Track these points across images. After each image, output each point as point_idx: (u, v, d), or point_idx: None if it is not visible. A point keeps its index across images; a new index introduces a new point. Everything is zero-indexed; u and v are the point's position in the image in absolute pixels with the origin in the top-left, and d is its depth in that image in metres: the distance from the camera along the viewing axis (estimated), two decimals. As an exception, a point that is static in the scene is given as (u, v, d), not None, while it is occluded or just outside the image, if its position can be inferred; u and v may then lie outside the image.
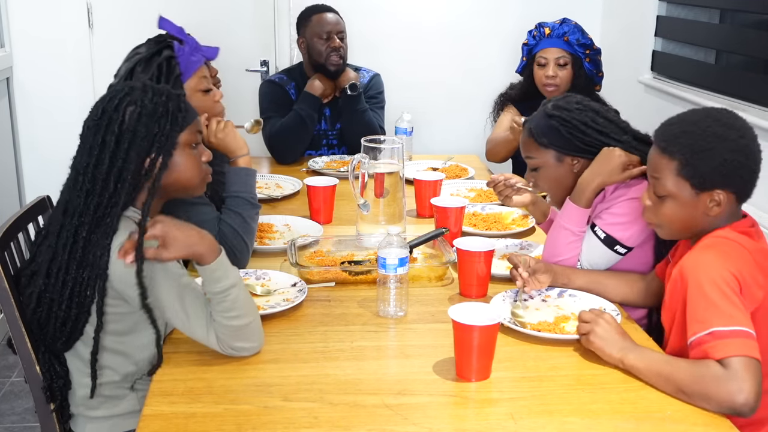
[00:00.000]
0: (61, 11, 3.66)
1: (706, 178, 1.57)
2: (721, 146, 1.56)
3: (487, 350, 1.52)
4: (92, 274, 1.56)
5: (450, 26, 3.90)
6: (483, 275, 1.90)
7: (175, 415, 1.41)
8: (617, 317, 1.75)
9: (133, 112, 1.61)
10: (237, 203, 2.07)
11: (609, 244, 1.91)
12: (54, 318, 1.61)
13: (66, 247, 1.57)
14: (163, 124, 1.62)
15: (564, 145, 1.95)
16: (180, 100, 1.67)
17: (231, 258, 1.98)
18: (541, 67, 2.95)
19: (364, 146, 2.17)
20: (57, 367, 1.68)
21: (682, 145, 1.59)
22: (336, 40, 3.16)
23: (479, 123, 3.27)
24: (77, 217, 1.57)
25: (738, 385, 1.40)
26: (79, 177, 1.59)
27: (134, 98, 1.62)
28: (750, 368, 1.41)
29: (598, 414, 1.43)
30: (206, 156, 1.74)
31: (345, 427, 1.38)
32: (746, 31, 3.02)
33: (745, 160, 1.57)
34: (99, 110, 1.62)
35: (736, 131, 1.58)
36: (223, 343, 1.57)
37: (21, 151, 3.76)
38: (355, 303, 1.88)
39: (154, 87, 1.66)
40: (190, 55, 2.08)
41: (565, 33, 2.91)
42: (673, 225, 1.66)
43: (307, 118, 3.15)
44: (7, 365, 3.28)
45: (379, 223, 2.19)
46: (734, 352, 1.42)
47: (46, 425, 1.72)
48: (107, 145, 1.59)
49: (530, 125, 1.99)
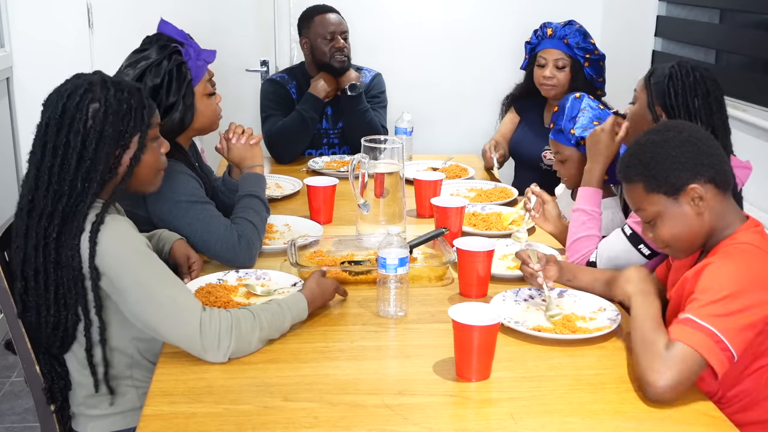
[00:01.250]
0: (61, 11, 3.66)
1: (671, 180, 1.57)
2: (665, 148, 1.59)
3: (487, 350, 1.52)
4: (70, 276, 1.55)
5: (450, 26, 3.90)
6: (483, 275, 1.90)
7: (175, 415, 1.41)
8: (617, 317, 1.75)
9: (98, 111, 1.58)
10: (254, 203, 2.11)
11: (634, 242, 1.92)
12: (45, 323, 1.60)
13: (38, 249, 1.55)
14: (128, 122, 1.61)
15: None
16: (141, 94, 1.65)
17: (246, 252, 2.00)
18: (540, 68, 2.96)
19: (364, 146, 2.17)
20: (57, 368, 1.68)
21: (634, 166, 1.62)
22: (340, 41, 3.16)
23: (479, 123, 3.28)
24: (44, 219, 1.55)
25: (662, 366, 1.41)
26: (43, 177, 1.56)
27: (96, 95, 1.59)
28: (687, 360, 1.42)
29: (598, 414, 1.43)
30: (164, 147, 1.74)
31: (345, 427, 1.38)
32: (746, 31, 3.02)
33: (695, 148, 1.58)
34: (59, 107, 1.57)
35: (674, 131, 1.62)
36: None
37: (21, 151, 3.76)
38: (355, 303, 1.88)
39: (114, 82, 1.63)
40: (196, 59, 2.09)
41: (566, 35, 2.91)
42: (679, 242, 1.63)
43: (309, 120, 3.15)
44: (7, 365, 3.28)
45: (379, 223, 2.19)
46: (685, 340, 1.43)
47: (46, 425, 1.72)
48: (72, 146, 1.56)
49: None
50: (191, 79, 2.06)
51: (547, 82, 2.94)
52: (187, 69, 2.05)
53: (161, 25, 2.13)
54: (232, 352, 1.56)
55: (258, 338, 1.60)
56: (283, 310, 1.66)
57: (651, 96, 2.00)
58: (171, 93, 2.02)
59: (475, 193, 2.76)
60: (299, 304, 1.70)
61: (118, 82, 1.63)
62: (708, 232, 1.61)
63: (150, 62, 2.01)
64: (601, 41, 3.84)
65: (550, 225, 2.22)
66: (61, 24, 3.68)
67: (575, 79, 2.92)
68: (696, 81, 1.95)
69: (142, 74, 2.00)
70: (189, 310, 1.55)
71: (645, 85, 2.03)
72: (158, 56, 2.02)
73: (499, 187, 2.81)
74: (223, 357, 1.56)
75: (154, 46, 2.05)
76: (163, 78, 2.00)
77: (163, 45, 2.06)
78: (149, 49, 2.05)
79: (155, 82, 1.99)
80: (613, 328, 1.71)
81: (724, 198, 1.61)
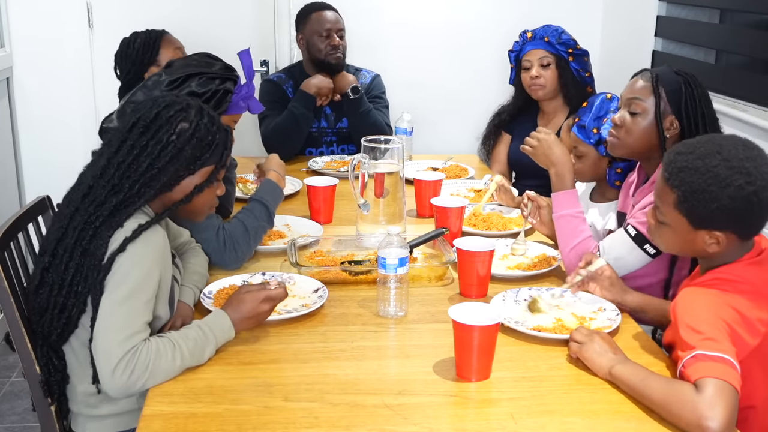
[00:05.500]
0: (61, 11, 3.65)
1: (703, 219, 1.53)
2: (722, 192, 1.48)
3: (487, 350, 1.52)
4: (91, 265, 1.57)
5: (450, 26, 3.89)
6: (483, 275, 1.90)
7: (175, 415, 1.41)
8: (617, 317, 1.75)
9: (185, 130, 1.64)
10: (258, 209, 2.12)
11: (639, 243, 1.92)
12: (53, 304, 1.62)
13: (75, 231, 1.59)
14: (207, 153, 1.66)
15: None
16: (227, 136, 1.72)
17: (230, 254, 2.00)
18: (527, 70, 2.97)
19: (364, 146, 2.18)
20: (55, 361, 1.68)
21: (682, 181, 1.52)
22: (336, 38, 3.17)
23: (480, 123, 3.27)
24: (94, 206, 1.60)
25: (708, 407, 1.33)
26: (109, 169, 1.62)
27: (190, 117, 1.65)
28: (724, 393, 1.34)
29: (598, 414, 1.43)
30: (221, 190, 1.77)
31: (345, 427, 1.39)
32: (746, 31, 3.02)
33: (749, 207, 1.49)
34: (152, 113, 1.64)
35: (744, 176, 1.48)
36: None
37: (21, 151, 3.76)
38: (355, 303, 1.88)
39: (210, 113, 1.69)
40: (241, 99, 2.11)
41: (546, 34, 2.92)
42: (672, 249, 1.66)
43: (301, 117, 3.16)
44: (7, 365, 3.28)
45: (379, 223, 2.19)
46: (710, 374, 1.36)
47: (46, 424, 1.72)
48: (149, 151, 1.61)
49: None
50: (225, 110, 2.08)
51: (535, 82, 2.94)
52: (228, 101, 2.07)
53: (243, 54, 2.17)
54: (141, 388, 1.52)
55: (178, 368, 1.55)
56: (206, 335, 1.60)
57: (662, 104, 1.96)
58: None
59: (475, 193, 2.76)
60: (222, 323, 1.63)
61: (213, 115, 1.69)
62: (706, 256, 1.59)
63: (206, 72, 2.03)
64: (601, 41, 3.85)
65: (547, 228, 2.21)
66: (61, 24, 3.67)
67: (562, 76, 2.92)
68: (702, 89, 1.96)
69: (192, 75, 2.01)
70: (116, 349, 1.50)
71: (653, 92, 1.96)
72: (213, 70, 2.05)
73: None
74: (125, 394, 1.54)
75: (221, 63, 2.09)
76: (206, 92, 2.01)
77: (229, 67, 2.10)
78: (218, 63, 2.09)
79: (197, 90, 2.00)
80: (613, 328, 1.71)
81: (740, 242, 1.57)
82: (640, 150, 2.02)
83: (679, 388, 1.39)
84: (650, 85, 1.97)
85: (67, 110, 3.66)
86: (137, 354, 1.50)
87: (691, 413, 1.34)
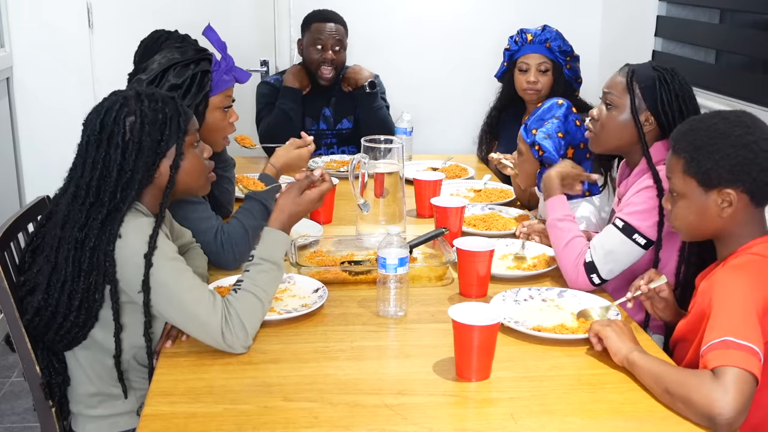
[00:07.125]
0: (61, 11, 3.66)
1: (711, 174, 1.56)
2: (723, 142, 1.55)
3: (487, 350, 1.52)
4: (99, 279, 1.56)
5: (450, 26, 3.89)
6: (483, 275, 1.90)
7: (175, 415, 1.41)
8: (617, 317, 1.75)
9: (134, 123, 1.61)
10: (257, 208, 2.09)
11: (628, 233, 1.91)
12: (56, 327, 1.62)
13: (68, 260, 1.57)
14: (165, 130, 1.63)
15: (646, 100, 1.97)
16: (175, 103, 1.68)
17: (229, 256, 2.00)
18: (523, 73, 2.96)
19: (364, 146, 2.18)
20: (56, 364, 1.69)
21: (687, 143, 1.60)
22: (329, 53, 3.17)
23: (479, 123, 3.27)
24: (78, 230, 1.57)
25: (722, 393, 1.34)
26: (80, 192, 1.59)
27: (131, 108, 1.62)
28: (741, 381, 1.36)
29: (599, 414, 1.43)
30: (207, 152, 1.76)
31: (345, 427, 1.38)
32: (746, 31, 3.02)
33: (753, 156, 1.54)
34: (97, 125, 1.61)
35: (743, 128, 1.56)
36: (231, 319, 1.58)
37: (21, 151, 3.76)
38: (355, 303, 1.88)
39: (147, 93, 1.66)
40: (224, 73, 2.10)
41: (548, 39, 2.92)
42: (687, 227, 1.64)
43: (290, 111, 3.18)
44: (7, 365, 3.28)
45: (379, 223, 2.19)
46: (732, 363, 1.37)
47: (46, 424, 1.72)
48: (112, 159, 1.59)
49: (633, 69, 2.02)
50: (209, 90, 2.06)
51: (531, 87, 2.94)
52: (209, 80, 2.05)
53: (206, 31, 2.15)
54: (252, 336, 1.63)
55: (264, 310, 1.66)
56: (272, 269, 1.70)
57: (636, 100, 1.96)
58: (187, 97, 2.01)
59: (474, 193, 2.76)
60: (279, 245, 1.74)
61: (151, 94, 1.66)
62: (719, 231, 1.60)
63: (179, 61, 2.02)
64: (601, 41, 3.85)
65: (549, 240, 2.18)
66: (61, 24, 3.67)
67: (556, 82, 2.94)
68: (681, 84, 1.95)
69: (167, 69, 2.00)
70: (213, 321, 1.58)
71: (627, 88, 1.97)
72: (186, 57, 2.03)
73: (498, 188, 2.82)
74: (245, 349, 1.62)
75: (192, 47, 2.08)
76: (185, 81, 2.00)
77: (200, 49, 2.08)
78: (187, 47, 2.07)
79: (176, 82, 1.99)
80: (613, 328, 1.71)
81: (755, 210, 1.58)
82: (618, 145, 2.03)
83: (696, 374, 1.42)
84: (625, 81, 1.98)
85: (67, 110, 3.65)
86: (230, 312, 1.59)
87: (703, 398, 1.36)
